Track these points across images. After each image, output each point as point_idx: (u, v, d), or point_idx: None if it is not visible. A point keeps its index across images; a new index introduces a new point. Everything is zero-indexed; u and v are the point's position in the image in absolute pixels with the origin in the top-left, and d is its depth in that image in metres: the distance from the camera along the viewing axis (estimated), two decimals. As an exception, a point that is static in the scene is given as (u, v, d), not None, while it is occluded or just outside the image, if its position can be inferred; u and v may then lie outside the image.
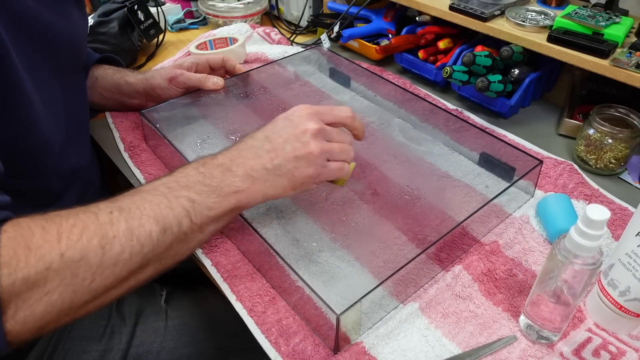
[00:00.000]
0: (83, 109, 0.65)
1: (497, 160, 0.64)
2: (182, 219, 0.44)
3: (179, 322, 0.63)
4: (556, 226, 0.54)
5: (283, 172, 0.49)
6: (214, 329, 0.64)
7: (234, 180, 0.48)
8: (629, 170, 0.67)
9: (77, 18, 0.59)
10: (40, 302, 0.36)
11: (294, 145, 0.49)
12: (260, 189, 0.49)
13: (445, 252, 0.52)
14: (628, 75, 0.60)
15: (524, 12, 0.73)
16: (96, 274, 0.39)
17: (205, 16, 1.08)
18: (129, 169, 0.67)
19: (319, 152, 0.49)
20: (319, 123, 0.51)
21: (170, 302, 0.65)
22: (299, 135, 0.49)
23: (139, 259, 0.41)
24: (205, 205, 0.46)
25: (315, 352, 0.45)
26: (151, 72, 0.73)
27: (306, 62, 0.88)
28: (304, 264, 0.53)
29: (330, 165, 0.51)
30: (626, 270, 0.45)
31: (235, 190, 0.47)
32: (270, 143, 0.50)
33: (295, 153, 0.49)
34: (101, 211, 0.41)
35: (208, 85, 0.71)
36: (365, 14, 0.91)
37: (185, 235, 0.45)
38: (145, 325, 0.62)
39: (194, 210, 0.45)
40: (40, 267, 0.36)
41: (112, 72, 0.74)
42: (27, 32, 0.49)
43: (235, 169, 0.48)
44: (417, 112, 0.73)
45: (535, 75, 0.74)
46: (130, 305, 0.63)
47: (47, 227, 0.37)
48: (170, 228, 0.43)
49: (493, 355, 0.45)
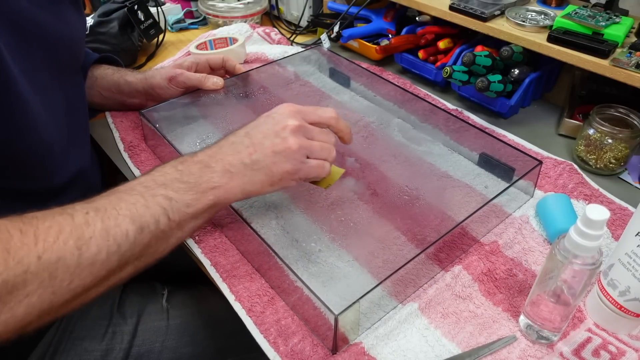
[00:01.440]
0: (83, 110, 0.65)
1: (497, 160, 0.64)
2: (159, 217, 0.44)
3: (180, 321, 0.63)
4: (556, 226, 0.54)
5: (261, 166, 0.49)
6: (215, 328, 0.65)
7: (212, 176, 0.48)
8: (629, 170, 0.67)
9: (74, 19, 0.59)
10: (20, 304, 0.36)
11: (272, 141, 0.49)
12: (238, 184, 0.49)
13: (444, 252, 0.52)
14: (628, 75, 0.60)
15: (524, 12, 0.73)
16: (74, 275, 0.39)
17: (205, 16, 1.08)
18: (129, 169, 0.67)
19: (297, 148, 0.49)
20: (300, 120, 0.51)
21: (171, 301, 0.65)
22: (278, 131, 0.50)
23: (116, 258, 0.41)
24: (183, 202, 0.46)
25: (314, 352, 0.45)
26: (151, 72, 0.73)
27: (306, 62, 0.87)
28: (303, 264, 0.53)
29: (310, 162, 0.51)
30: (626, 270, 0.45)
31: (213, 186, 0.47)
32: (249, 139, 0.50)
33: (274, 148, 0.49)
34: (77, 212, 0.41)
35: (208, 85, 0.71)
36: (365, 14, 0.91)
37: (164, 233, 0.45)
38: (147, 325, 0.62)
39: (172, 208, 0.45)
40: (18, 270, 0.36)
41: (112, 72, 0.73)
42: (23, 35, 0.49)
43: (214, 165, 0.48)
44: (417, 112, 0.73)
45: (535, 75, 0.74)
46: (131, 305, 0.63)
47: (25, 230, 0.37)
48: (147, 227, 0.43)
49: (493, 355, 0.45)
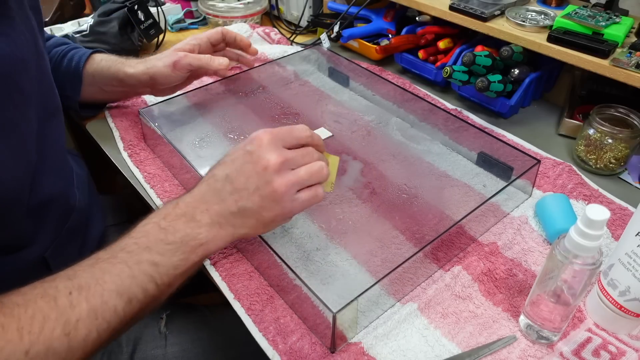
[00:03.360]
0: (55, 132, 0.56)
1: (495, 159, 0.64)
2: (146, 285, 0.42)
3: (178, 348, 0.61)
4: (555, 226, 0.54)
5: (249, 213, 0.46)
6: (215, 355, 0.62)
7: (199, 232, 0.45)
8: (629, 170, 0.67)
9: (22, 38, 0.47)
10: None
11: (257, 184, 0.45)
12: (229, 232, 0.46)
13: (442, 251, 0.52)
14: (628, 75, 0.60)
15: (524, 12, 0.73)
16: (66, 359, 0.38)
17: (205, 16, 1.08)
18: (129, 168, 0.67)
19: (284, 190, 0.45)
20: (280, 153, 0.46)
21: (170, 326, 0.63)
22: (260, 172, 0.45)
23: (107, 334, 0.40)
24: (171, 265, 0.44)
25: (313, 350, 0.45)
26: (151, 61, 0.68)
27: (305, 61, 0.88)
28: (302, 263, 0.52)
29: (301, 197, 0.47)
30: (626, 270, 0.45)
31: (201, 242, 0.45)
32: (231, 184, 0.46)
33: (260, 193, 0.45)
34: (60, 293, 0.38)
35: (214, 65, 0.67)
36: (365, 14, 0.91)
37: (153, 298, 0.43)
38: (144, 353, 0.60)
39: (159, 274, 0.43)
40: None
41: (108, 65, 0.69)
42: None
43: (200, 218, 0.45)
44: (416, 112, 0.73)
45: (535, 75, 0.74)
46: (127, 332, 0.59)
47: (7, 324, 0.36)
48: (135, 297, 0.41)
49: (493, 355, 0.45)
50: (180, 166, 0.63)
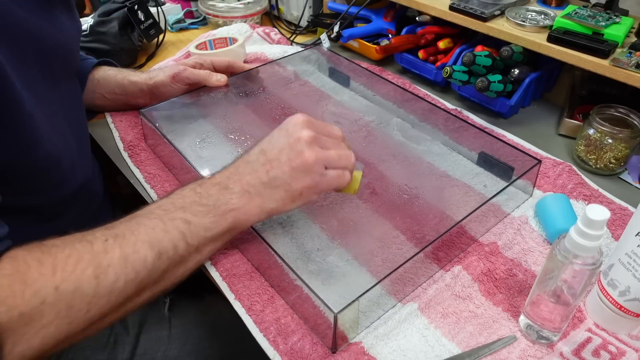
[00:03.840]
0: (82, 118, 0.64)
1: (496, 159, 0.64)
2: (177, 242, 0.44)
3: (182, 330, 0.63)
4: (555, 226, 0.54)
5: (279, 183, 0.48)
6: (217, 336, 0.64)
7: (230, 197, 0.47)
8: (629, 170, 0.67)
9: (67, 24, 0.57)
10: (37, 335, 0.36)
11: (288, 155, 0.48)
12: (258, 204, 0.48)
13: (443, 251, 0.52)
14: (628, 75, 0.60)
15: (524, 12, 0.73)
16: (91, 304, 0.39)
17: (205, 16, 1.08)
18: (129, 168, 0.67)
19: (314, 160, 0.48)
20: (313, 131, 0.49)
21: (173, 309, 0.64)
22: (293, 144, 0.48)
23: (134, 285, 0.41)
24: (202, 226, 0.46)
25: (313, 350, 0.45)
26: (154, 71, 0.73)
27: (306, 61, 0.88)
28: (303, 263, 0.53)
29: (329, 174, 0.49)
30: (626, 270, 0.45)
31: (231, 208, 0.47)
32: (265, 155, 0.49)
33: (291, 163, 0.48)
34: (97, 239, 0.41)
35: (212, 81, 0.71)
36: (365, 14, 0.91)
37: (182, 258, 0.45)
38: (149, 334, 0.61)
39: (190, 232, 0.45)
40: (35, 302, 0.36)
41: (114, 73, 0.73)
42: (19, 46, 0.48)
43: (232, 186, 0.48)
44: (416, 112, 0.73)
45: (535, 75, 0.74)
46: (133, 315, 0.62)
47: (43, 260, 0.38)
48: (165, 252, 0.43)
49: (493, 355, 0.45)
50: (180, 166, 0.63)
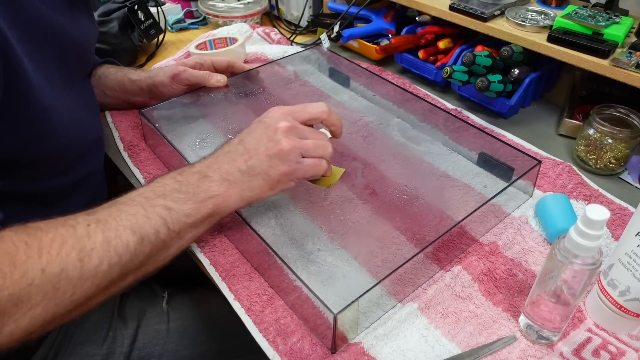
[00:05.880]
0: (97, 114, 0.65)
1: (496, 160, 0.64)
2: (159, 227, 0.45)
3: (180, 324, 0.63)
4: (555, 226, 0.54)
5: (257, 172, 0.50)
6: (215, 330, 0.64)
7: (210, 185, 0.48)
8: (629, 170, 0.67)
9: (87, 24, 0.60)
10: (25, 316, 0.37)
11: (266, 145, 0.50)
12: (236, 192, 0.49)
13: (443, 251, 0.52)
14: (628, 75, 0.60)
15: (524, 12, 0.73)
16: (77, 287, 0.39)
17: (205, 16, 1.08)
18: (129, 168, 0.67)
19: (290, 148, 0.50)
20: (292, 121, 0.51)
21: (171, 304, 0.65)
22: (270, 134, 0.50)
23: (117, 269, 0.42)
24: (182, 212, 0.46)
25: (313, 351, 0.45)
26: (154, 70, 0.73)
27: (306, 61, 0.87)
28: (302, 264, 0.52)
29: (305, 162, 0.51)
30: (626, 270, 0.45)
31: (211, 195, 0.48)
32: (243, 146, 0.51)
33: (268, 152, 0.50)
34: (79, 224, 0.41)
35: (211, 82, 0.71)
36: (365, 14, 0.91)
37: (164, 243, 0.46)
38: (147, 328, 0.61)
39: (171, 218, 0.46)
40: (23, 283, 0.37)
41: (115, 71, 0.74)
42: (40, 41, 0.50)
43: (212, 175, 0.49)
44: (416, 112, 0.73)
45: (535, 75, 0.74)
46: (131, 309, 0.63)
47: (30, 242, 0.38)
48: (147, 237, 0.44)
49: (493, 355, 0.45)
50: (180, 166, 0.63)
